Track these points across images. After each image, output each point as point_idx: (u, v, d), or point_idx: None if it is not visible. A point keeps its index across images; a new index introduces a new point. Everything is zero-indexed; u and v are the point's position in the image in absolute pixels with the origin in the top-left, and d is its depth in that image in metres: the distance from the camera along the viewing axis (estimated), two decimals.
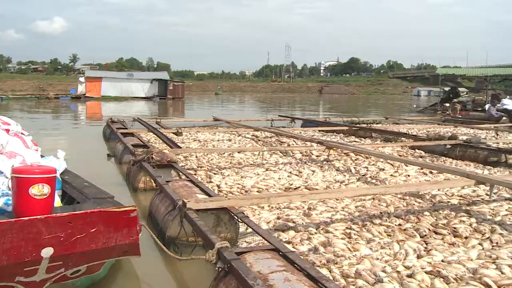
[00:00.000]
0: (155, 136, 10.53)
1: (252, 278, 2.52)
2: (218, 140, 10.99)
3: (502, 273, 3.31)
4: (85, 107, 33.32)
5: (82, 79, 48.33)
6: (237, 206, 4.35)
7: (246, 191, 5.86)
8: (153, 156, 6.41)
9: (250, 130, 11.87)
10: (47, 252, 2.45)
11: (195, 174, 6.70)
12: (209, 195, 4.58)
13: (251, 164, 7.75)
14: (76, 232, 2.50)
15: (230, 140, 10.97)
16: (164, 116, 23.49)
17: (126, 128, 11.69)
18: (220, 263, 2.93)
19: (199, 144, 10.35)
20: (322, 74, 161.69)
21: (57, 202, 3.52)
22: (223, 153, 8.66)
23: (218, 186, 6.11)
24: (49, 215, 2.46)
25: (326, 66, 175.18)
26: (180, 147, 8.45)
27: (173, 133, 10.88)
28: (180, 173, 6.15)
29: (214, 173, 6.95)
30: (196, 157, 8.35)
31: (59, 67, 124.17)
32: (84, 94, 45.76)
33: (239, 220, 3.95)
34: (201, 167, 7.49)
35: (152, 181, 6.00)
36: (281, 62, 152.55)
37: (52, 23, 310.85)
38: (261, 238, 3.50)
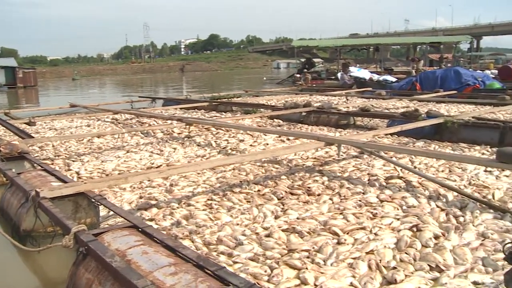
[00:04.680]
0: (4, 128, 9.77)
1: (110, 255, 2.51)
2: (76, 127, 10.51)
3: (348, 221, 3.67)
4: None
5: None
6: (98, 190, 4.25)
7: (107, 175, 5.72)
8: (1, 148, 5.97)
9: (110, 114, 11.47)
10: None
11: (52, 164, 6.37)
12: (66, 183, 4.41)
13: (111, 148, 7.55)
14: None
15: (89, 126, 10.55)
16: (15, 106, 21.82)
17: None
18: (78, 246, 2.87)
19: (55, 133, 9.82)
20: (183, 53, 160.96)
21: None
22: (82, 139, 8.32)
23: (78, 173, 5.89)
24: None
25: (187, 44, 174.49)
26: (33, 137, 7.95)
27: (25, 123, 10.16)
28: (35, 164, 5.81)
29: (73, 161, 6.67)
30: (53, 146, 7.93)
31: None
32: None
33: (97, 203, 3.87)
34: (58, 155, 7.14)
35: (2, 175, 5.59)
36: (140, 43, 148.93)
37: None
38: (122, 218, 3.48)
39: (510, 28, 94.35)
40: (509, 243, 2.03)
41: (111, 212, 3.91)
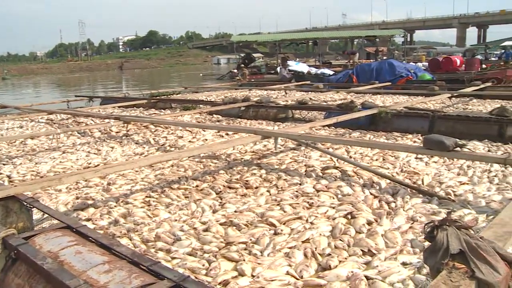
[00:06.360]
0: None
1: (41, 258, 2.44)
2: (7, 129, 10.09)
3: (285, 212, 3.74)
4: None
5: None
6: (32, 193, 4.11)
7: (41, 177, 5.55)
8: None
9: (44, 114, 11.08)
10: None
11: None
12: None
13: (46, 149, 7.31)
14: None
15: (21, 127, 10.15)
16: None
17: None
18: (8, 252, 2.77)
19: None
20: (121, 50, 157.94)
21: None
22: (14, 141, 8.01)
23: (9, 177, 5.66)
24: None
25: (125, 41, 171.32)
26: None
27: None
28: None
29: (4, 164, 6.41)
30: None
31: None
32: None
33: (29, 206, 3.75)
34: None
35: None
36: (76, 40, 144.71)
37: None
38: (55, 219, 3.39)
39: (439, 23, 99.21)
40: (429, 223, 2.13)
41: (46, 215, 3.81)
